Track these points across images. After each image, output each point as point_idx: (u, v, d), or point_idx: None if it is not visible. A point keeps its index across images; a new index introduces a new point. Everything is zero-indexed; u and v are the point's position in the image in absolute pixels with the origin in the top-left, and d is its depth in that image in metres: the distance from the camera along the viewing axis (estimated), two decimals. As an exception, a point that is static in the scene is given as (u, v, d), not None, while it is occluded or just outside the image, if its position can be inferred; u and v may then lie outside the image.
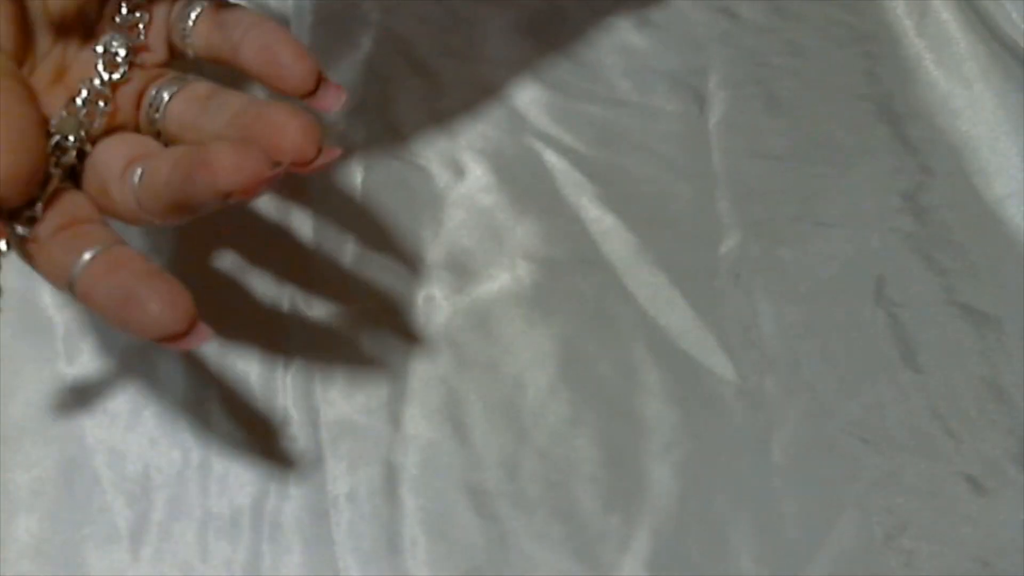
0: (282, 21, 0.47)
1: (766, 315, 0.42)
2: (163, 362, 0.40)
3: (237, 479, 0.38)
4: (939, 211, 0.45)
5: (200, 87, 0.32)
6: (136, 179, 0.30)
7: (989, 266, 0.44)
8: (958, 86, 0.47)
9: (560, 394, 0.40)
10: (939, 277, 0.43)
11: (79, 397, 0.39)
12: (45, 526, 0.37)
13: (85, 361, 0.40)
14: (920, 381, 0.41)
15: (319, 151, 0.29)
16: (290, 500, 0.38)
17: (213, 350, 0.40)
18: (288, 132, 0.29)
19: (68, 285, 0.29)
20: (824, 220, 0.44)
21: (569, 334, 0.41)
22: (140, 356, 0.40)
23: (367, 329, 0.41)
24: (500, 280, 0.42)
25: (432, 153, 0.45)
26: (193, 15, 0.32)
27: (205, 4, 0.33)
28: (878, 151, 0.46)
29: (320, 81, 0.31)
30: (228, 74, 0.33)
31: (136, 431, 0.39)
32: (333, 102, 0.31)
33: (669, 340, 0.42)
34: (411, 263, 0.42)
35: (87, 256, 0.29)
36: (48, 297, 0.41)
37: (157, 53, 0.33)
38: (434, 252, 0.43)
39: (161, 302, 0.28)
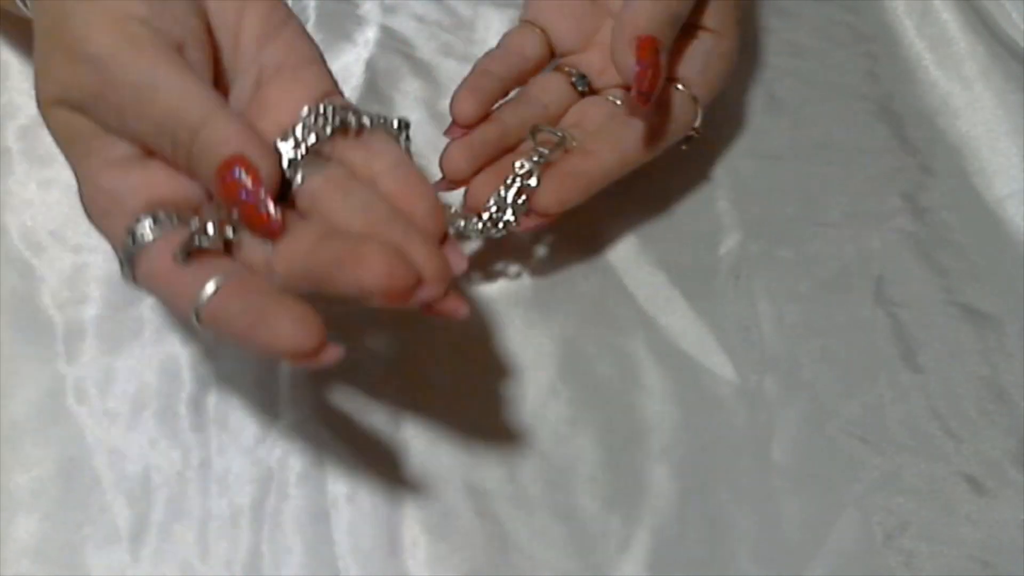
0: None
1: (766, 315, 0.42)
2: (163, 361, 0.40)
3: (237, 479, 0.38)
4: (939, 211, 0.45)
5: (338, 172, 0.32)
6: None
7: (989, 266, 0.43)
8: (958, 86, 0.47)
9: (560, 394, 0.40)
10: (939, 277, 0.43)
11: (79, 397, 0.39)
12: (45, 526, 0.37)
13: (85, 361, 0.40)
14: (920, 381, 0.41)
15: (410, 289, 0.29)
16: (290, 500, 0.38)
17: (213, 349, 0.40)
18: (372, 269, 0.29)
19: (193, 312, 0.30)
20: (824, 220, 0.44)
21: (569, 334, 0.41)
22: (140, 357, 0.40)
23: (367, 329, 0.41)
24: (500, 280, 0.42)
25: (432, 152, 0.45)
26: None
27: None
28: (878, 151, 0.46)
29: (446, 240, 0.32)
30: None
31: (136, 431, 0.39)
32: (455, 262, 0.32)
33: (669, 340, 0.42)
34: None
35: (213, 284, 0.30)
36: (48, 297, 0.41)
37: None
38: (434, 252, 0.43)
39: (292, 321, 0.28)
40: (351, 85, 0.46)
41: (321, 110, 0.32)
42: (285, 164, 0.32)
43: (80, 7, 0.31)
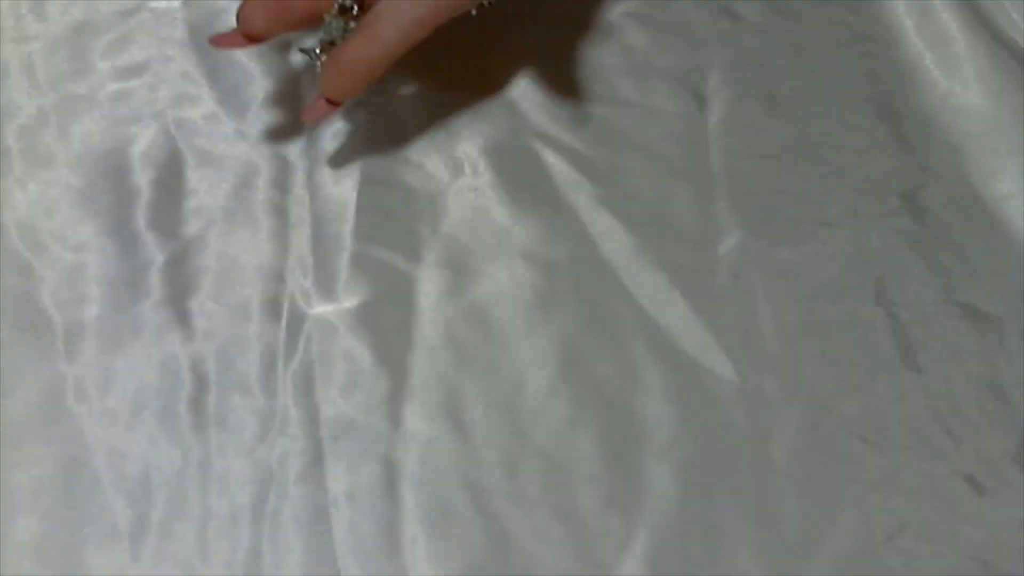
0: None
1: (766, 315, 0.42)
2: (163, 361, 0.40)
3: (237, 478, 0.38)
4: (939, 211, 0.45)
5: None
6: None
7: (989, 266, 0.43)
8: (958, 86, 0.47)
9: (560, 394, 0.40)
10: (939, 277, 0.43)
11: (79, 397, 0.39)
12: (45, 526, 0.37)
13: (85, 361, 0.40)
14: (920, 381, 0.41)
15: None
16: (290, 499, 0.38)
17: (213, 349, 0.40)
18: None
19: None
20: (824, 220, 0.44)
21: (569, 334, 0.41)
22: (140, 356, 0.40)
23: (367, 327, 0.41)
24: (499, 279, 0.42)
25: (431, 151, 0.45)
26: None
27: None
28: (878, 151, 0.46)
29: None
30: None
31: (136, 431, 0.39)
32: None
33: (669, 340, 0.41)
34: (410, 261, 0.42)
35: None
36: (48, 297, 0.41)
37: None
38: (433, 250, 0.43)
39: None
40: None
41: None
42: None
43: None
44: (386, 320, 0.41)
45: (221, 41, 0.41)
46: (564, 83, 0.47)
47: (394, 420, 0.39)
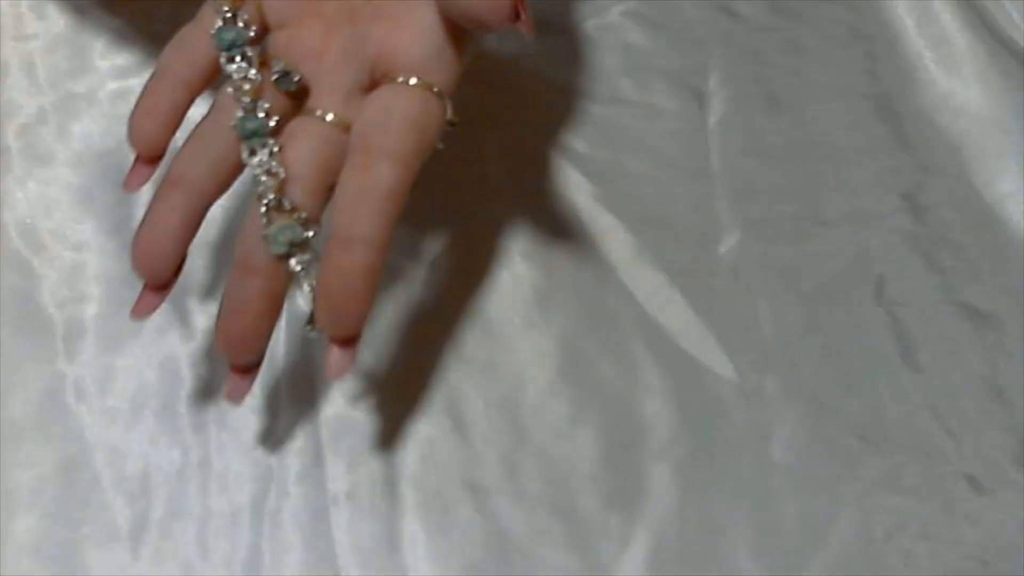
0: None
1: (766, 315, 0.42)
2: (163, 360, 0.40)
3: (237, 478, 0.38)
4: (939, 210, 0.45)
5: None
6: None
7: (989, 266, 0.43)
8: (958, 85, 0.47)
9: (560, 393, 0.40)
10: (939, 277, 0.43)
11: (79, 396, 0.39)
12: (45, 525, 0.37)
13: (85, 360, 0.40)
14: (920, 381, 0.41)
15: None
16: (290, 498, 0.38)
17: (213, 348, 0.40)
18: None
19: None
20: (824, 219, 0.44)
21: (569, 334, 0.41)
22: (140, 355, 0.40)
23: (366, 327, 0.41)
24: (499, 278, 0.42)
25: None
26: None
27: None
28: (877, 150, 0.46)
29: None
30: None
31: (136, 431, 0.39)
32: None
33: (669, 340, 0.41)
34: (410, 261, 0.42)
35: None
36: (48, 296, 0.41)
37: None
38: (433, 250, 0.43)
39: None
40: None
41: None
42: None
43: None
44: (386, 320, 0.41)
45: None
46: (563, 84, 0.47)
47: (394, 419, 0.39)
